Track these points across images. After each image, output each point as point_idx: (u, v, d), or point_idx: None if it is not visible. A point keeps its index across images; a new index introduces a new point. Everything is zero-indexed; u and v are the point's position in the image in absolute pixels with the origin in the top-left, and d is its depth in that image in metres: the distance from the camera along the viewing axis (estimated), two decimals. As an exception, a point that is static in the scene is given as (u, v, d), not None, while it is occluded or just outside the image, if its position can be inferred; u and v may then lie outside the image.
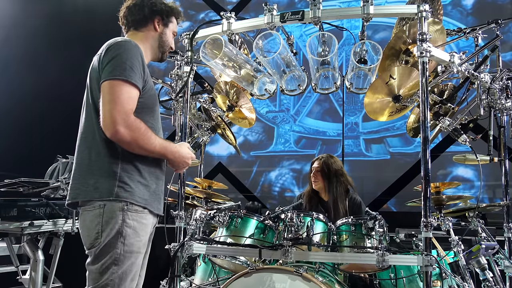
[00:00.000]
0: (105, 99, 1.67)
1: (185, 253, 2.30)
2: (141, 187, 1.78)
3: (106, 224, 1.69)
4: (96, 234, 1.69)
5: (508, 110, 2.43)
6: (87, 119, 1.81)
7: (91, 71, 1.82)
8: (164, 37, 2.02)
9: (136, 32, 1.98)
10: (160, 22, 2.00)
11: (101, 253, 1.69)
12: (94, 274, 1.71)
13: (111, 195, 1.70)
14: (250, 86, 2.64)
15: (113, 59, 1.71)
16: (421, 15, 2.10)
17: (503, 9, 4.44)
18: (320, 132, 4.98)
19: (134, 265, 1.75)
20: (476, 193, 4.10)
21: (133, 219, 1.73)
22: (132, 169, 1.76)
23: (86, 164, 1.76)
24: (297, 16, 2.26)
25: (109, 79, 1.68)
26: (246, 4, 5.46)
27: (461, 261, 2.32)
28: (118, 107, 1.65)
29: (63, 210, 2.93)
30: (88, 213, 1.73)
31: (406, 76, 2.30)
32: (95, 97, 1.76)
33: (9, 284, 3.50)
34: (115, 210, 1.70)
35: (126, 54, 1.73)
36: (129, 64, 1.71)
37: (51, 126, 5.05)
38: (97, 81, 1.75)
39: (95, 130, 1.75)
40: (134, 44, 1.80)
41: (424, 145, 2.03)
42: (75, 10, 5.62)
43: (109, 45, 1.78)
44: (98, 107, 1.73)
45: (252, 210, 4.26)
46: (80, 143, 1.82)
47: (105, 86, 1.69)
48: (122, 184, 1.72)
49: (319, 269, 2.36)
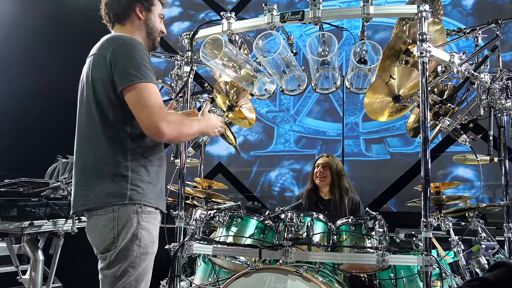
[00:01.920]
0: (137, 106, 1.65)
1: (185, 253, 2.30)
2: (151, 187, 1.76)
3: (121, 227, 1.66)
4: (111, 238, 1.66)
5: (508, 110, 2.43)
6: (89, 121, 1.75)
7: (93, 69, 1.75)
8: (151, 23, 1.93)
9: (122, 26, 1.90)
10: (142, 8, 1.90)
11: (117, 257, 1.67)
12: (110, 279, 1.68)
13: (124, 199, 1.67)
14: (250, 86, 2.64)
15: (127, 60, 1.68)
16: (421, 15, 2.10)
17: (503, 9, 4.44)
18: (320, 132, 4.98)
19: (148, 266, 1.75)
20: (476, 193, 4.10)
21: (147, 220, 1.72)
22: (141, 170, 1.74)
23: (93, 169, 1.72)
24: (297, 16, 2.25)
25: (133, 83, 1.65)
26: (246, 4, 5.46)
27: (461, 261, 2.33)
28: (155, 109, 1.65)
29: (63, 210, 2.92)
30: (100, 217, 1.69)
31: (406, 76, 2.30)
32: (99, 98, 1.72)
33: (9, 284, 3.50)
34: (129, 213, 1.68)
35: (137, 53, 1.70)
36: (143, 63, 1.69)
37: (51, 126, 5.05)
38: (104, 81, 1.70)
39: (99, 132, 1.71)
40: (137, 40, 1.78)
41: (424, 145, 2.04)
42: (75, 10, 5.61)
43: (114, 44, 1.73)
44: (104, 108, 1.70)
45: (252, 210, 4.26)
46: (83, 147, 1.77)
47: (131, 92, 1.65)
48: (134, 187, 1.70)
49: (319, 269, 2.36)
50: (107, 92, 1.70)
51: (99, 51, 1.76)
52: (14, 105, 5.09)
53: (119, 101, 1.69)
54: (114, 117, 1.71)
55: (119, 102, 1.69)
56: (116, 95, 1.69)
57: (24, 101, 5.09)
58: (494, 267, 1.24)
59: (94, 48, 1.81)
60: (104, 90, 1.71)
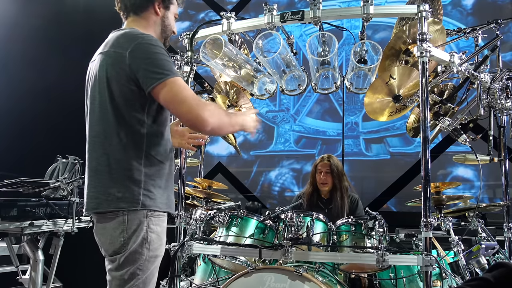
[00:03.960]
0: (174, 102, 1.63)
1: (185, 253, 2.30)
2: (161, 192, 1.73)
3: (131, 231, 1.64)
4: (121, 242, 1.64)
5: (508, 110, 2.43)
6: (102, 121, 1.70)
7: (108, 68, 1.68)
8: (167, 21, 1.88)
9: (137, 18, 1.82)
10: (161, 5, 1.84)
11: (126, 260, 1.65)
12: (118, 281, 1.67)
13: (137, 205, 1.65)
14: (250, 86, 2.64)
15: (150, 59, 1.63)
16: (421, 15, 2.10)
17: (503, 9, 4.43)
18: (320, 132, 4.98)
19: (156, 269, 1.74)
20: (476, 193, 4.10)
21: (156, 224, 1.70)
22: (154, 175, 1.70)
23: (106, 172, 1.67)
24: (297, 16, 2.25)
25: (162, 81, 1.61)
26: (246, 4, 5.46)
27: (461, 261, 2.33)
28: (193, 101, 1.63)
29: (63, 210, 2.92)
30: (109, 221, 1.67)
31: (406, 76, 2.30)
32: (116, 98, 1.66)
33: (9, 284, 3.50)
34: (139, 217, 1.66)
35: (158, 49, 1.66)
36: (166, 58, 1.66)
37: (51, 126, 5.05)
38: (122, 81, 1.64)
39: (113, 133, 1.66)
40: (154, 36, 1.74)
41: (424, 145, 2.04)
42: (75, 10, 5.61)
43: (133, 42, 1.66)
44: (120, 109, 1.65)
45: (252, 210, 4.26)
46: (95, 148, 1.72)
47: (163, 90, 1.62)
48: (147, 192, 1.67)
49: (319, 269, 2.36)
50: (125, 93, 1.65)
51: (115, 49, 1.69)
52: (14, 105, 5.09)
53: (137, 101, 1.66)
54: (131, 118, 1.66)
55: (138, 103, 1.66)
56: (134, 95, 1.65)
57: (24, 101, 5.08)
58: (493, 268, 1.25)
59: (107, 45, 1.74)
60: (121, 90, 1.66)
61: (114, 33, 1.77)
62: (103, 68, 1.70)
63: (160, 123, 1.74)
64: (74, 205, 2.95)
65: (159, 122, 1.74)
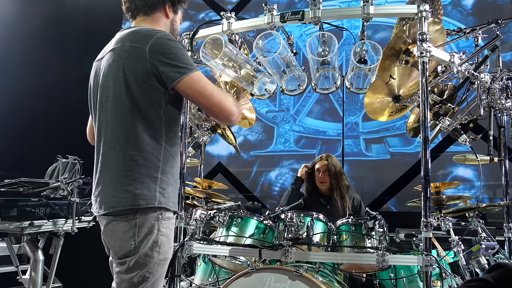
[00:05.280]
0: (201, 97, 1.66)
1: (185, 253, 2.30)
2: (172, 190, 1.73)
3: (142, 234, 1.63)
4: (132, 245, 1.63)
5: (508, 110, 2.43)
6: (118, 118, 1.66)
7: (125, 64, 1.65)
8: (175, 25, 1.90)
9: (147, 18, 1.81)
10: (171, 8, 1.85)
11: (136, 263, 1.64)
12: (128, 284, 1.65)
13: (154, 201, 1.64)
14: (250, 86, 2.64)
15: (171, 54, 1.63)
16: (421, 15, 2.10)
17: (503, 9, 4.43)
18: (320, 132, 4.98)
19: (164, 271, 1.73)
20: (476, 193, 4.10)
21: (166, 226, 1.70)
22: (169, 172, 1.70)
23: (122, 169, 1.64)
24: (297, 16, 2.25)
25: (186, 75, 1.62)
26: (246, 4, 5.46)
27: (461, 261, 2.33)
28: (219, 95, 1.68)
29: (63, 210, 2.92)
30: (120, 224, 1.65)
31: (406, 76, 2.30)
32: (134, 94, 1.63)
33: (9, 284, 3.50)
34: (150, 219, 1.64)
35: (177, 44, 1.66)
36: (185, 52, 1.67)
37: (51, 126, 5.05)
38: (141, 76, 1.62)
39: (129, 130, 1.64)
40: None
41: (424, 145, 2.04)
42: (75, 10, 5.62)
43: (150, 37, 1.64)
44: (138, 103, 1.63)
45: (252, 210, 4.26)
46: (110, 145, 1.68)
47: (187, 84, 1.63)
48: (162, 190, 1.66)
49: (319, 269, 2.35)
50: (143, 88, 1.63)
51: (132, 43, 1.66)
52: (14, 105, 5.09)
53: (155, 97, 1.65)
54: (149, 114, 1.65)
55: (155, 98, 1.65)
56: (152, 90, 1.64)
57: (24, 101, 5.09)
58: (492, 269, 1.24)
59: (119, 42, 1.71)
60: (139, 85, 1.63)
61: (125, 30, 1.75)
62: (116, 63, 1.68)
63: (175, 120, 1.76)
64: (74, 205, 2.95)
65: (174, 119, 1.75)
